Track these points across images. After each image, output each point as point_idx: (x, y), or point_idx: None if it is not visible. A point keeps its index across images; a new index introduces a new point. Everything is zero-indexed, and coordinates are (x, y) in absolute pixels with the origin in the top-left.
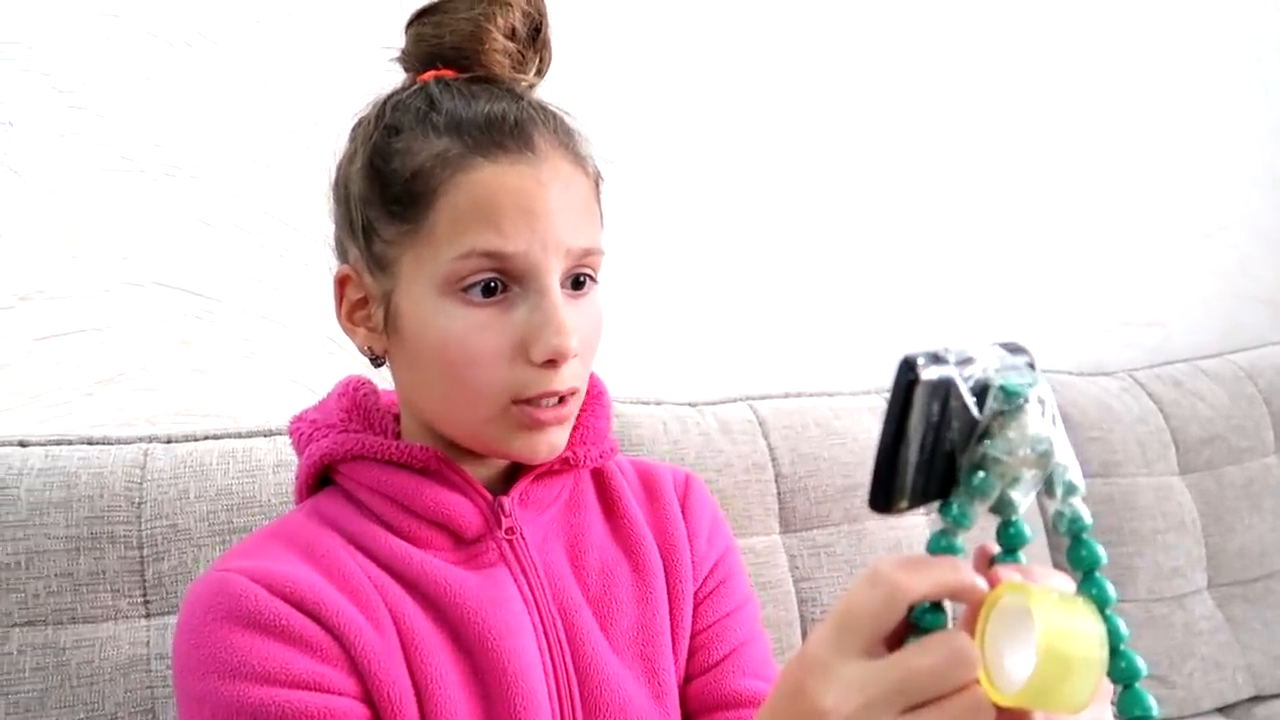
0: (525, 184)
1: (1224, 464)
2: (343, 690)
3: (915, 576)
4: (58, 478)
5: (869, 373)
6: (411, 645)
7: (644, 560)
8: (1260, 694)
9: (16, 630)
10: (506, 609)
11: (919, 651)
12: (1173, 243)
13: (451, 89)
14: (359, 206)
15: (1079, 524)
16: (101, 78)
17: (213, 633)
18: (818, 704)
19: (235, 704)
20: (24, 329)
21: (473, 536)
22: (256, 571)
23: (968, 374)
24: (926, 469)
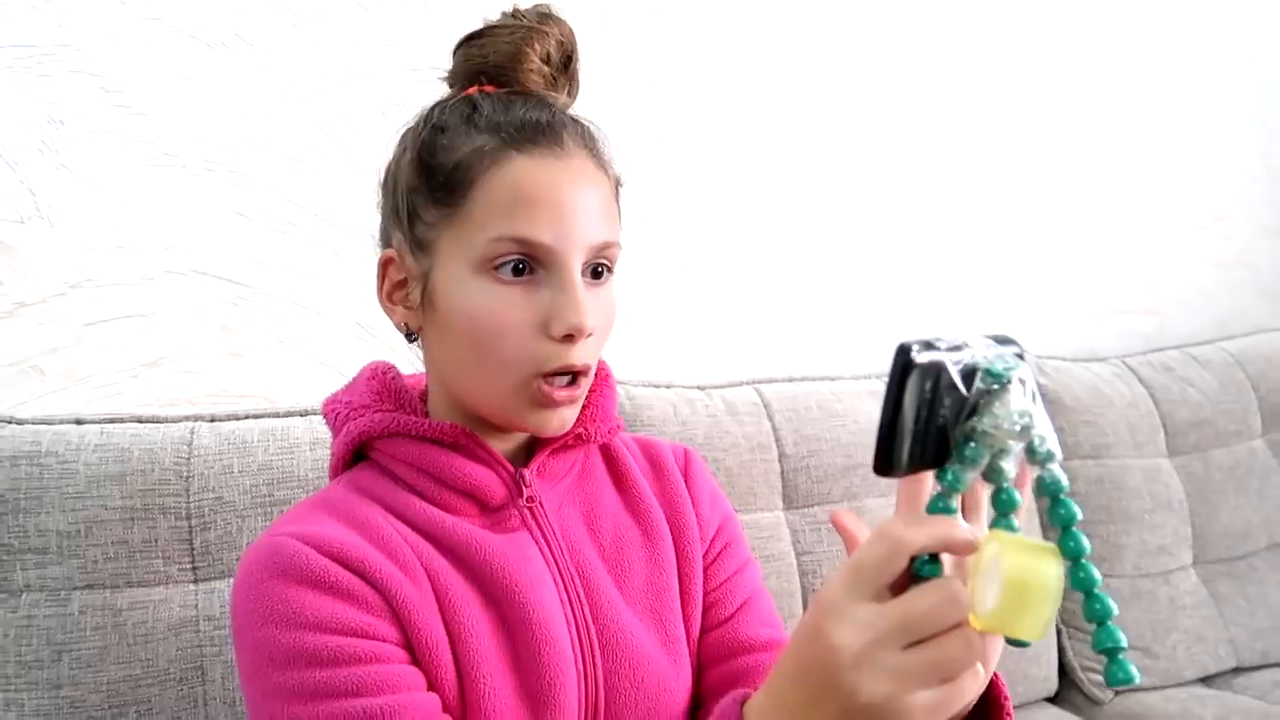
0: (555, 178)
1: (1211, 447)
2: (386, 637)
3: (916, 532)
4: (113, 453)
5: (868, 358)
6: (445, 598)
7: (652, 526)
8: (1241, 665)
9: (78, 593)
10: (530, 567)
11: (919, 595)
12: (1170, 233)
13: (492, 97)
14: (405, 195)
15: (1057, 486)
16: (145, 78)
17: (269, 589)
18: (833, 641)
19: (292, 649)
20: (74, 315)
21: (497, 504)
22: (306, 535)
23: (957, 359)
24: (922, 440)
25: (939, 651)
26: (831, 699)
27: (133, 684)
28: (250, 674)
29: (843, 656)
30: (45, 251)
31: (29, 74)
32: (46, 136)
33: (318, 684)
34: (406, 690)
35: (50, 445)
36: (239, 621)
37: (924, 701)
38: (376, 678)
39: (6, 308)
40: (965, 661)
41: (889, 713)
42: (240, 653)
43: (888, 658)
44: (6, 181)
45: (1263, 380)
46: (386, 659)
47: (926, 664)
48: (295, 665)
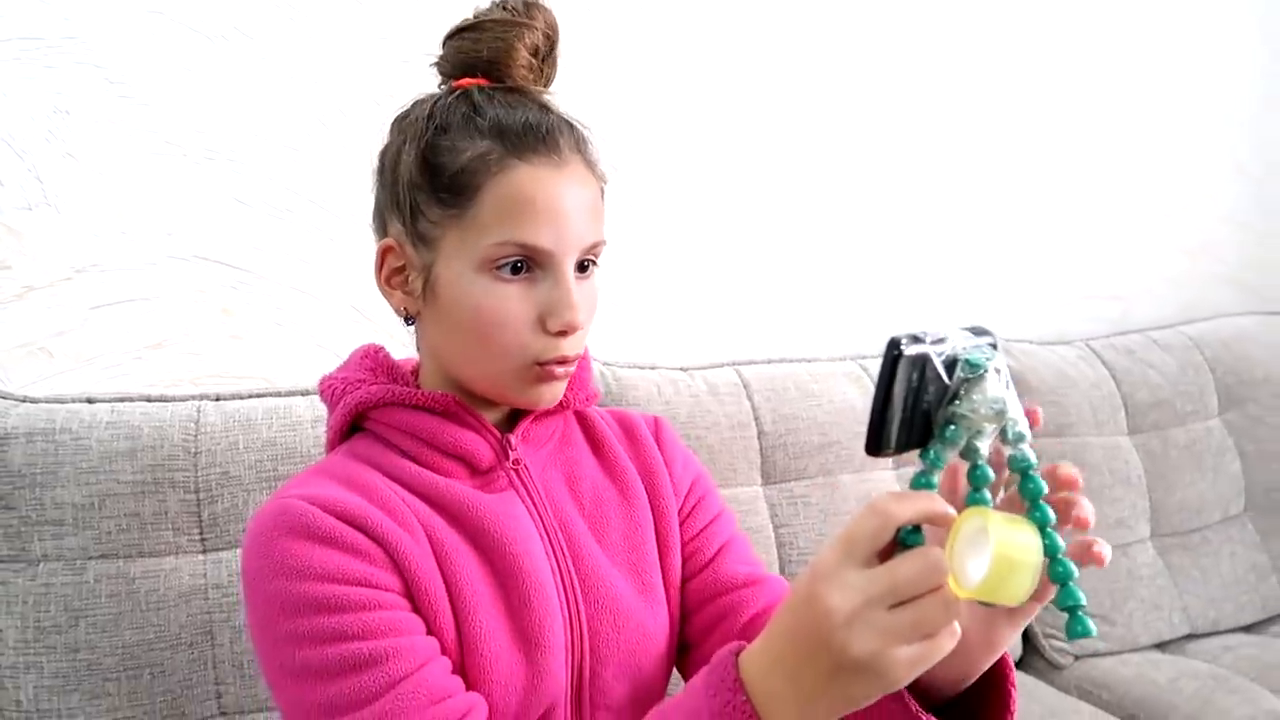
0: (553, 186)
1: (1169, 426)
2: (388, 586)
3: (903, 505)
4: (123, 430)
5: (844, 341)
6: (441, 552)
7: (627, 486)
8: (1194, 632)
9: (93, 562)
10: (517, 523)
11: (903, 562)
12: (1136, 223)
13: (491, 98)
14: (407, 190)
15: (1026, 463)
16: (148, 70)
17: (279, 545)
18: (827, 604)
19: (301, 598)
20: (80, 299)
21: (486, 467)
22: (311, 496)
23: (940, 351)
24: (909, 423)
25: (920, 612)
26: (825, 654)
27: (146, 647)
28: (262, 625)
29: (835, 617)
30: (52, 237)
31: (36, 65)
32: (53, 126)
33: (325, 629)
34: (407, 634)
35: (64, 423)
36: (250, 577)
37: (906, 656)
38: (379, 623)
39: (15, 291)
40: (943, 620)
41: (876, 665)
42: (251, 607)
43: (875, 617)
44: (15, 169)
45: (1219, 363)
46: (388, 606)
47: (909, 623)
48: (304, 613)
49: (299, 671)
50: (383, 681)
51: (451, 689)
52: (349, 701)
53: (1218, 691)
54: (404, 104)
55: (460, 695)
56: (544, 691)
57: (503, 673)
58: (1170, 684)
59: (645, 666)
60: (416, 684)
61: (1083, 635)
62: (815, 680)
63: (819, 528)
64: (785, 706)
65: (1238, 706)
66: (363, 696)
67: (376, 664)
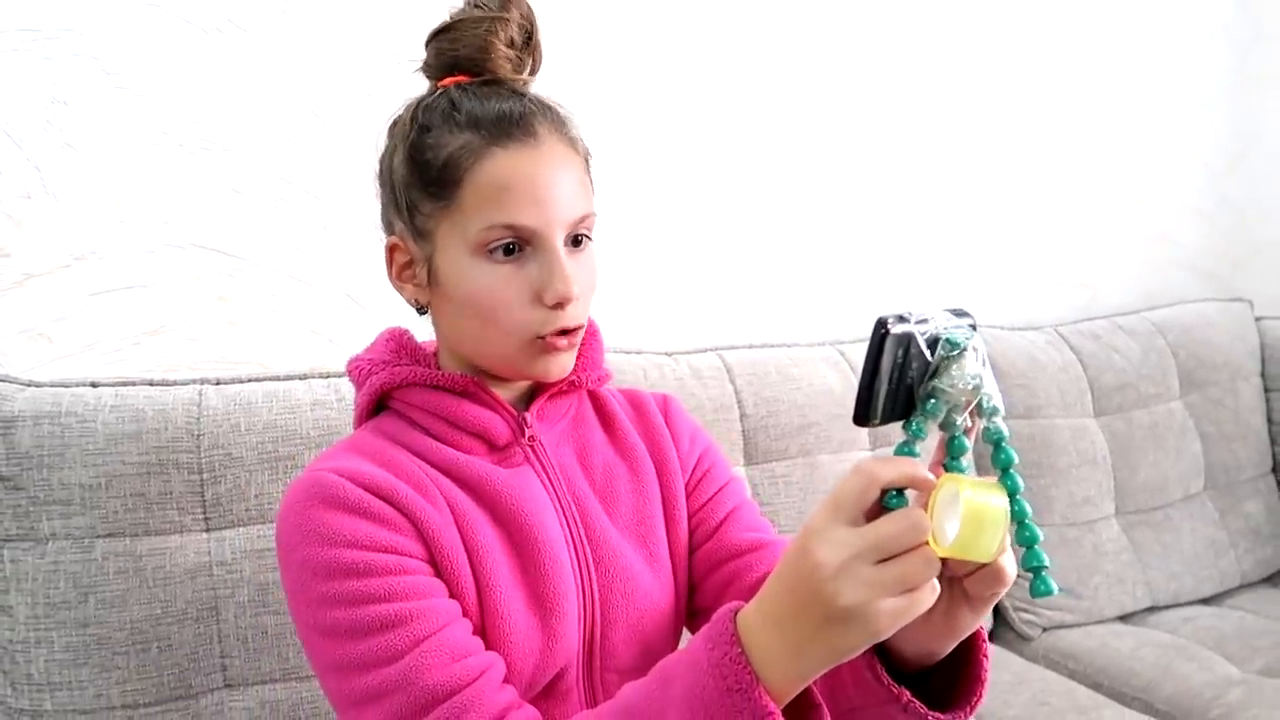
0: (531, 166)
1: (1133, 408)
2: (412, 553)
3: (886, 469)
4: (128, 413)
5: (823, 327)
6: (463, 522)
7: (637, 462)
8: (1155, 605)
9: (100, 540)
10: (533, 496)
11: (887, 521)
12: (1103, 212)
13: (468, 92)
14: (402, 189)
15: (999, 434)
16: (144, 61)
17: (312, 514)
18: (816, 558)
19: (333, 563)
20: (79, 286)
21: (503, 443)
22: (342, 470)
23: (923, 330)
24: (894, 396)
25: (903, 567)
26: (815, 605)
27: (153, 622)
28: (296, 589)
29: (825, 570)
30: (51, 225)
31: (34, 57)
32: (51, 116)
33: (355, 592)
34: (430, 597)
35: (69, 406)
36: (286, 543)
37: (890, 607)
38: (404, 586)
39: (15, 278)
40: (925, 575)
41: (862, 615)
42: (286, 571)
43: (862, 571)
44: (13, 159)
45: (1181, 348)
46: (413, 571)
47: (893, 577)
48: (335, 576)
49: (330, 631)
50: (408, 640)
51: (472, 648)
52: (377, 658)
53: (1177, 659)
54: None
55: (480, 654)
56: (558, 653)
57: (520, 636)
58: (1132, 653)
59: (651, 632)
60: (439, 642)
61: (1046, 594)
62: (806, 631)
63: (800, 506)
64: (778, 657)
65: (1196, 673)
66: (390, 653)
67: (403, 624)
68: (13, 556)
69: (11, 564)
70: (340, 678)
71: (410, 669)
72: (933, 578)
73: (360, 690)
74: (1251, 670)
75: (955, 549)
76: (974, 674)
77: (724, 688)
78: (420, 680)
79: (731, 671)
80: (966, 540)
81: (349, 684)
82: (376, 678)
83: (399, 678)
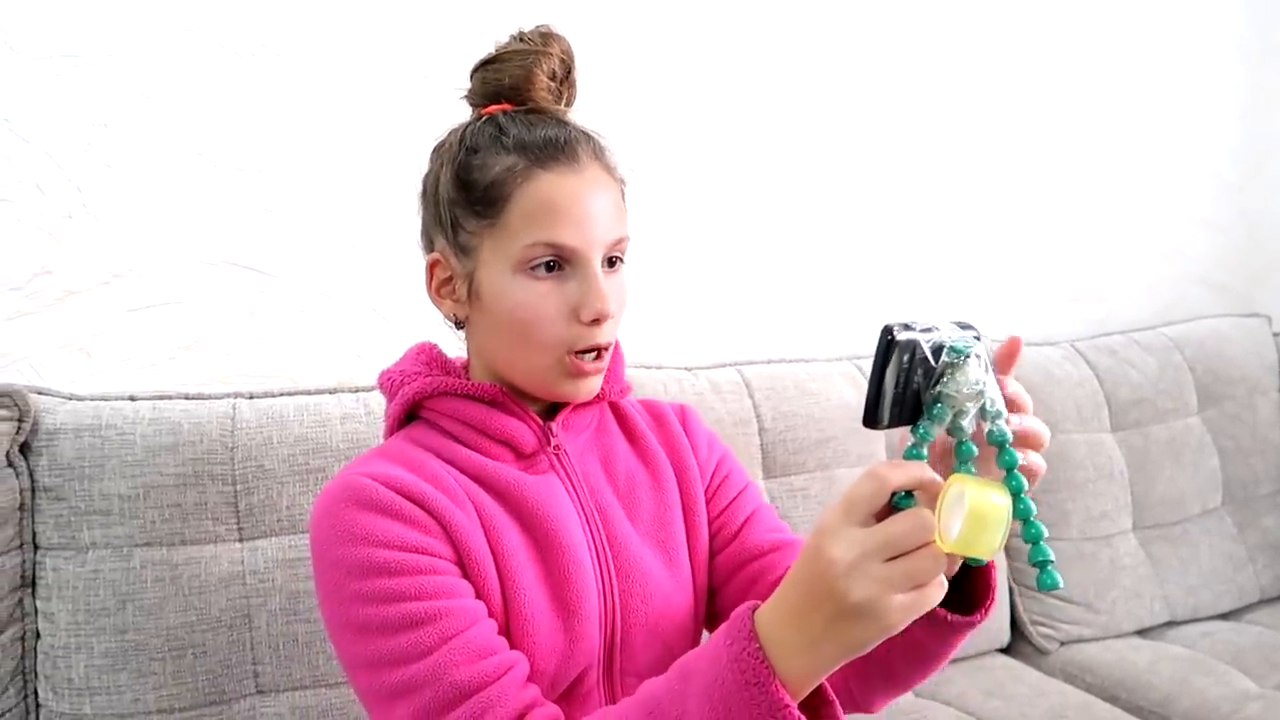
0: (574, 189)
1: (1150, 423)
2: (441, 554)
3: (896, 472)
4: (165, 426)
5: (840, 343)
6: (489, 526)
7: (658, 470)
8: (1173, 619)
9: (138, 550)
10: (558, 502)
11: (897, 520)
12: (1119, 227)
13: (514, 119)
14: (447, 207)
15: (1004, 437)
16: (181, 85)
17: (346, 515)
18: (829, 555)
19: (365, 561)
20: (117, 302)
21: (530, 452)
22: (375, 474)
23: (929, 338)
24: (900, 401)
25: (912, 564)
26: (829, 602)
27: (189, 629)
28: (329, 588)
29: (837, 567)
30: (91, 243)
31: (76, 81)
32: (92, 138)
33: (387, 590)
34: (459, 597)
35: (109, 419)
36: (320, 544)
37: (900, 602)
38: (433, 586)
39: (57, 295)
40: (932, 572)
41: (873, 610)
42: (320, 571)
43: (872, 568)
44: (56, 180)
45: (1198, 363)
46: (442, 571)
47: (902, 573)
48: (367, 575)
49: (362, 627)
50: (437, 637)
51: (497, 647)
52: (407, 654)
53: (1194, 674)
54: (440, 133)
55: (505, 652)
56: (579, 655)
57: (543, 636)
58: (1150, 667)
59: (670, 635)
60: (467, 640)
61: (1052, 587)
62: (820, 626)
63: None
64: (794, 652)
65: (1212, 687)
66: (420, 650)
67: (432, 621)
68: (55, 565)
69: (54, 572)
70: (371, 673)
71: (439, 665)
72: (939, 573)
73: (390, 685)
74: (1269, 685)
75: (959, 546)
76: (984, 581)
77: (742, 681)
78: (448, 676)
79: (749, 666)
80: (969, 538)
81: (379, 679)
82: (406, 673)
83: (428, 673)
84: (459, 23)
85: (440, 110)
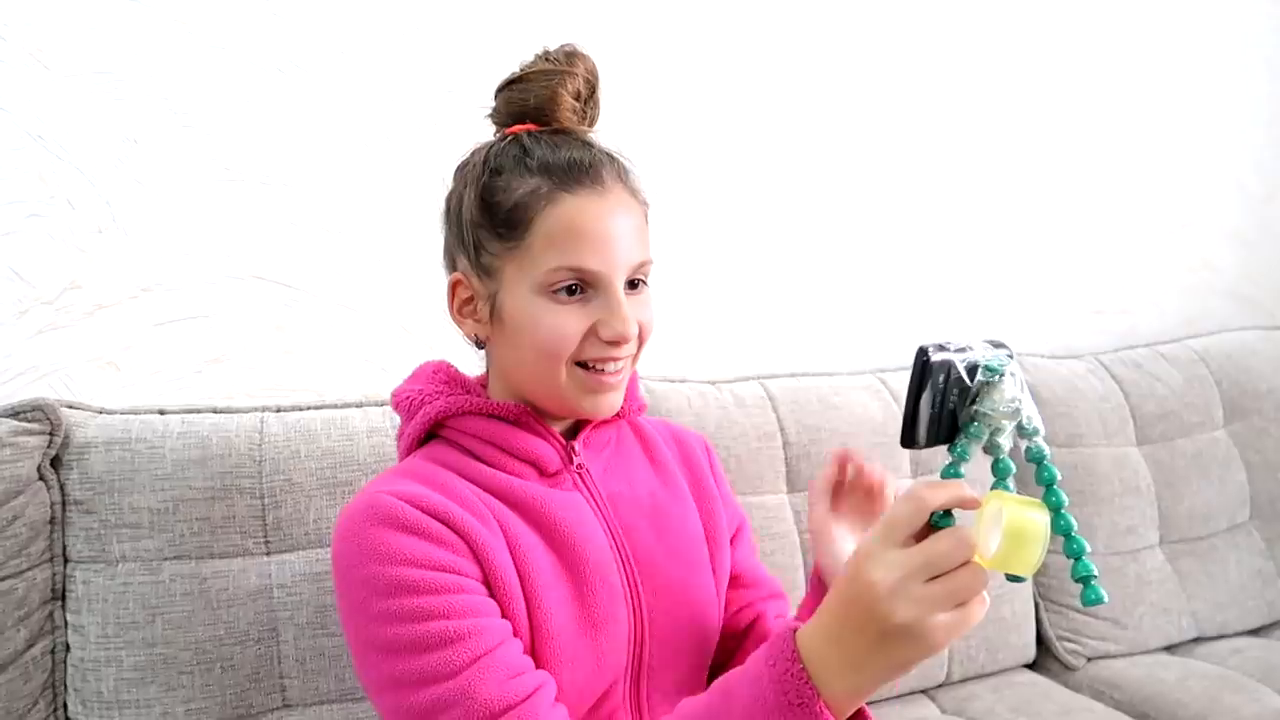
0: (598, 213)
1: (1176, 437)
2: (468, 573)
3: (935, 492)
4: (194, 440)
5: (863, 356)
6: (515, 544)
7: (677, 489)
8: (1202, 635)
9: (168, 563)
10: (583, 520)
11: (937, 540)
12: (1143, 239)
13: (539, 140)
14: (470, 229)
15: (1041, 453)
16: (210, 101)
17: (371, 534)
18: (870, 578)
19: (392, 580)
20: (145, 316)
21: (553, 470)
22: (398, 492)
23: (963, 358)
24: (937, 420)
25: (953, 583)
26: (871, 623)
27: (217, 643)
28: (354, 607)
29: (879, 589)
30: (120, 258)
31: (107, 97)
32: (122, 154)
33: (414, 609)
34: (486, 616)
35: (139, 433)
36: (344, 563)
37: (944, 622)
38: (462, 605)
39: (87, 309)
40: (974, 589)
41: (916, 631)
42: (344, 590)
43: (914, 589)
44: (86, 195)
45: (1224, 376)
46: (470, 590)
47: (944, 593)
48: (394, 594)
49: (388, 647)
50: (466, 656)
51: (524, 666)
52: (435, 673)
53: (1225, 691)
54: (464, 153)
55: (532, 672)
56: (606, 672)
57: (570, 654)
58: (1179, 683)
59: (695, 653)
60: (495, 660)
61: (1096, 602)
62: (863, 648)
63: None
64: (838, 673)
65: (1244, 705)
66: (448, 670)
67: (461, 640)
68: (85, 578)
69: (84, 585)
70: (396, 694)
71: (467, 685)
72: (981, 591)
73: (418, 706)
74: None
75: (997, 562)
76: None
77: (785, 702)
78: (477, 695)
79: (793, 686)
80: (1008, 554)
81: (405, 699)
82: (434, 693)
83: (456, 693)
84: (482, 37)
85: (464, 125)
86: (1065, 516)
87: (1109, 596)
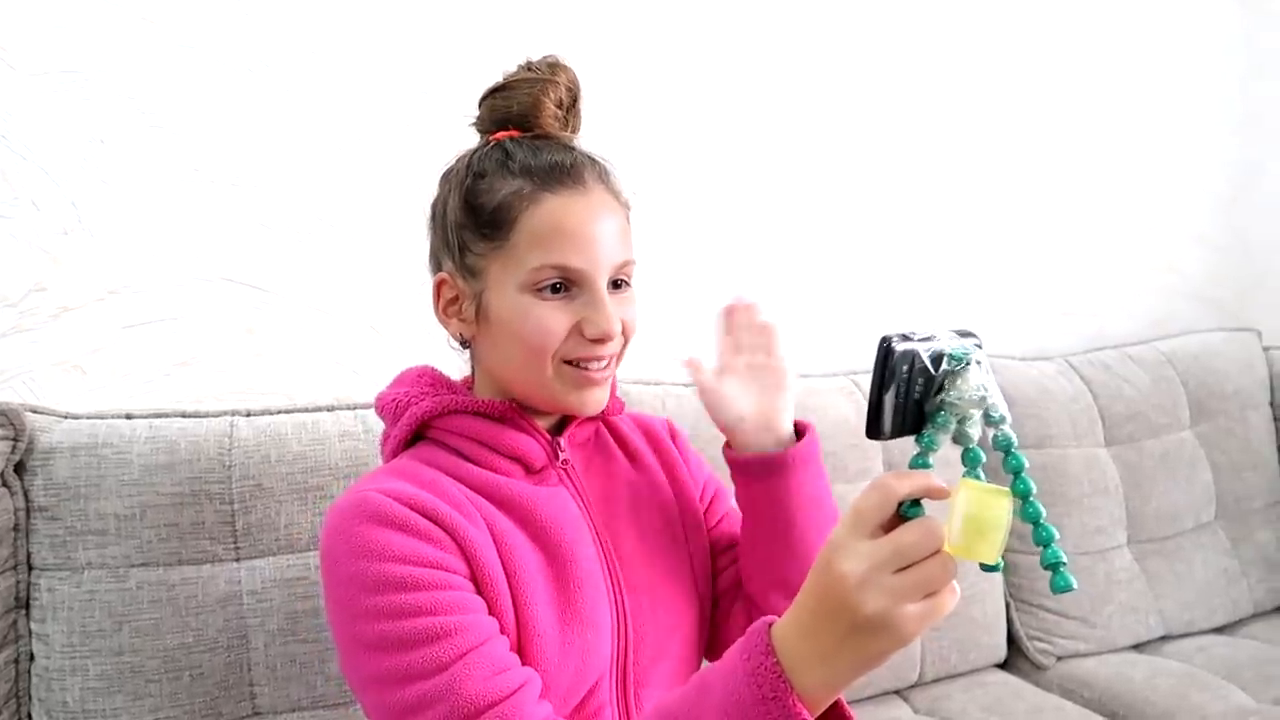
0: (580, 212)
1: (1144, 437)
2: (455, 570)
3: (903, 481)
4: (162, 444)
5: (837, 358)
6: (501, 541)
7: (655, 482)
8: (1169, 634)
9: (135, 570)
10: (567, 515)
11: (905, 530)
12: (1112, 243)
13: (521, 144)
14: (454, 230)
15: (1009, 441)
16: (178, 101)
17: (358, 531)
18: (839, 569)
19: (380, 576)
20: (113, 318)
21: (539, 467)
22: (386, 490)
23: (927, 347)
24: (902, 411)
25: (923, 573)
26: (842, 615)
27: (185, 651)
28: (341, 603)
29: (849, 581)
30: (86, 260)
31: (74, 97)
32: (88, 154)
33: (401, 605)
34: (473, 612)
35: (105, 437)
36: (332, 559)
37: (914, 612)
38: (449, 601)
39: (52, 311)
40: (943, 579)
41: (887, 622)
42: (331, 587)
43: (884, 580)
44: (52, 196)
45: (1190, 377)
46: (457, 587)
47: (913, 583)
48: (381, 590)
49: (375, 643)
50: (453, 653)
51: (511, 662)
52: (422, 669)
53: (1192, 689)
54: (449, 159)
55: (517, 669)
56: (591, 667)
57: (555, 650)
58: (1147, 682)
59: (678, 647)
60: (482, 656)
61: (1065, 589)
62: (836, 640)
63: None
64: (811, 666)
65: (1210, 703)
66: (435, 665)
67: (447, 636)
68: (50, 585)
69: (48, 593)
70: (383, 690)
71: (454, 680)
72: (951, 580)
73: (404, 702)
74: (1266, 699)
75: (962, 550)
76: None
77: (760, 696)
78: (463, 691)
79: (766, 681)
80: (971, 541)
81: (391, 695)
82: (420, 689)
83: (443, 689)
84: (454, 39)
85: (438, 125)
86: (1034, 504)
87: (1078, 584)
